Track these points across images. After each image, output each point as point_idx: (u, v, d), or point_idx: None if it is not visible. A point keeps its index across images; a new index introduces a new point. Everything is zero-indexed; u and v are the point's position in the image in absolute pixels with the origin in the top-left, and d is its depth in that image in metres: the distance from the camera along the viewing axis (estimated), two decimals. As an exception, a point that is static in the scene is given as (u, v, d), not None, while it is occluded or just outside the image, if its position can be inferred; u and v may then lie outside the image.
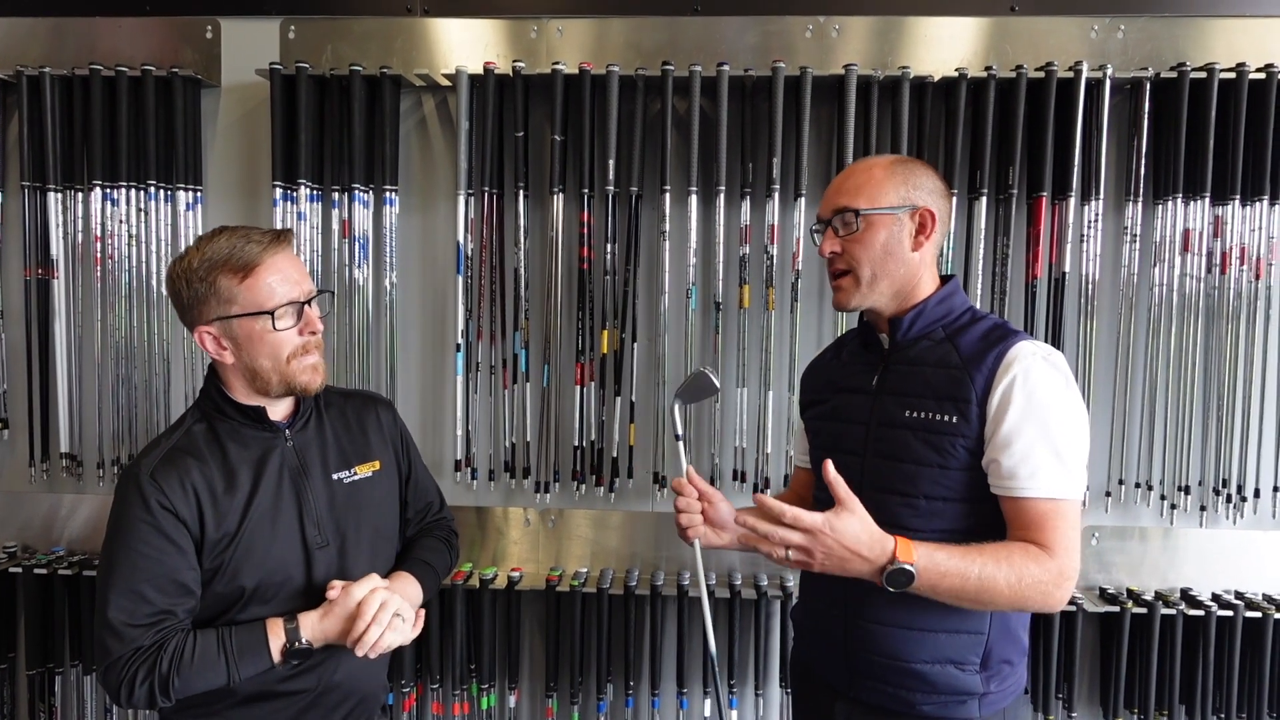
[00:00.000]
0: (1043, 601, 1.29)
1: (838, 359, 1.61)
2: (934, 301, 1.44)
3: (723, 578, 2.29)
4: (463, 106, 2.18)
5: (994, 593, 1.27)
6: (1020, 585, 1.27)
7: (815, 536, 1.25)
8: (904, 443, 1.40)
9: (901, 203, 1.41)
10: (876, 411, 1.45)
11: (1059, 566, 1.29)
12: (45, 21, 2.31)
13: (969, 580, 1.27)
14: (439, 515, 1.71)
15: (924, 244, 1.43)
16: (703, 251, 2.24)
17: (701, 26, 2.22)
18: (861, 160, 1.49)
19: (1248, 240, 2.13)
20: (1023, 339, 1.38)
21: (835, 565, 1.27)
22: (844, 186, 1.45)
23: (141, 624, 1.31)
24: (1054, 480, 1.31)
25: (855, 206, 1.42)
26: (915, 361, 1.43)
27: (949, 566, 1.26)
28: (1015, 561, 1.28)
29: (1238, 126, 2.09)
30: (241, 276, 1.36)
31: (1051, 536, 1.30)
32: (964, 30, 2.18)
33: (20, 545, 2.38)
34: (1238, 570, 2.23)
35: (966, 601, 1.29)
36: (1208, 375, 2.18)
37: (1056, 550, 1.30)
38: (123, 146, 2.23)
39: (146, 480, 1.34)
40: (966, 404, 1.35)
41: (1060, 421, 1.32)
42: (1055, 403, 1.32)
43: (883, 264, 1.42)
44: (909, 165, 1.45)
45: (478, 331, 2.26)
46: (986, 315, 1.47)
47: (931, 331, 1.44)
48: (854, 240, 1.42)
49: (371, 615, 1.36)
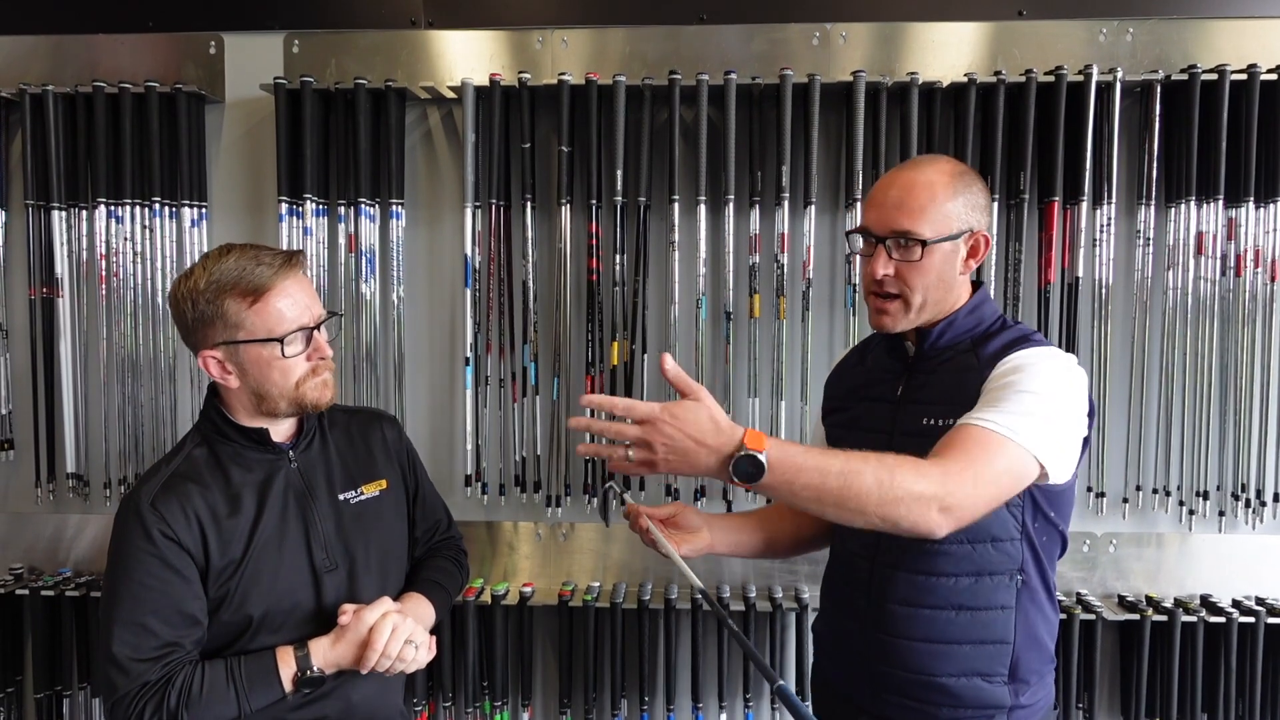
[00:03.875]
0: (917, 517, 1.13)
1: (862, 365, 1.56)
2: (964, 312, 1.40)
3: (737, 590, 2.27)
4: (469, 118, 2.17)
5: (859, 492, 1.11)
6: (892, 487, 1.11)
7: (654, 425, 1.10)
8: (921, 451, 1.29)
9: (961, 228, 1.35)
10: (899, 421, 1.41)
11: (943, 478, 1.14)
12: (48, 39, 2.30)
13: (829, 476, 1.11)
14: (447, 534, 1.68)
15: (974, 265, 1.39)
16: (712, 261, 2.22)
17: (707, 35, 2.21)
18: (917, 168, 1.37)
19: (1262, 243, 2.11)
20: (1041, 344, 1.34)
21: (679, 460, 1.11)
22: (906, 204, 1.34)
23: (147, 658, 1.28)
24: (998, 417, 1.21)
25: (920, 235, 1.32)
26: (939, 371, 1.39)
27: (806, 461, 1.12)
28: (888, 462, 1.14)
29: (1250, 128, 2.07)
30: (251, 300, 1.32)
31: (956, 454, 1.18)
32: (971, 35, 2.17)
33: (27, 567, 2.36)
34: (1257, 576, 2.21)
35: (828, 504, 1.13)
36: (1224, 379, 2.15)
37: (949, 467, 1.16)
38: (127, 163, 2.22)
39: (147, 509, 1.31)
40: (974, 403, 1.30)
41: (1034, 388, 1.24)
42: (1036, 378, 1.25)
43: (935, 291, 1.36)
44: (967, 180, 1.37)
45: (486, 345, 2.25)
46: (1016, 325, 1.42)
47: (959, 342, 1.40)
48: (910, 268, 1.34)
49: (384, 642, 1.32)
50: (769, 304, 2.21)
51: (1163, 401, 2.17)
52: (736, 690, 2.27)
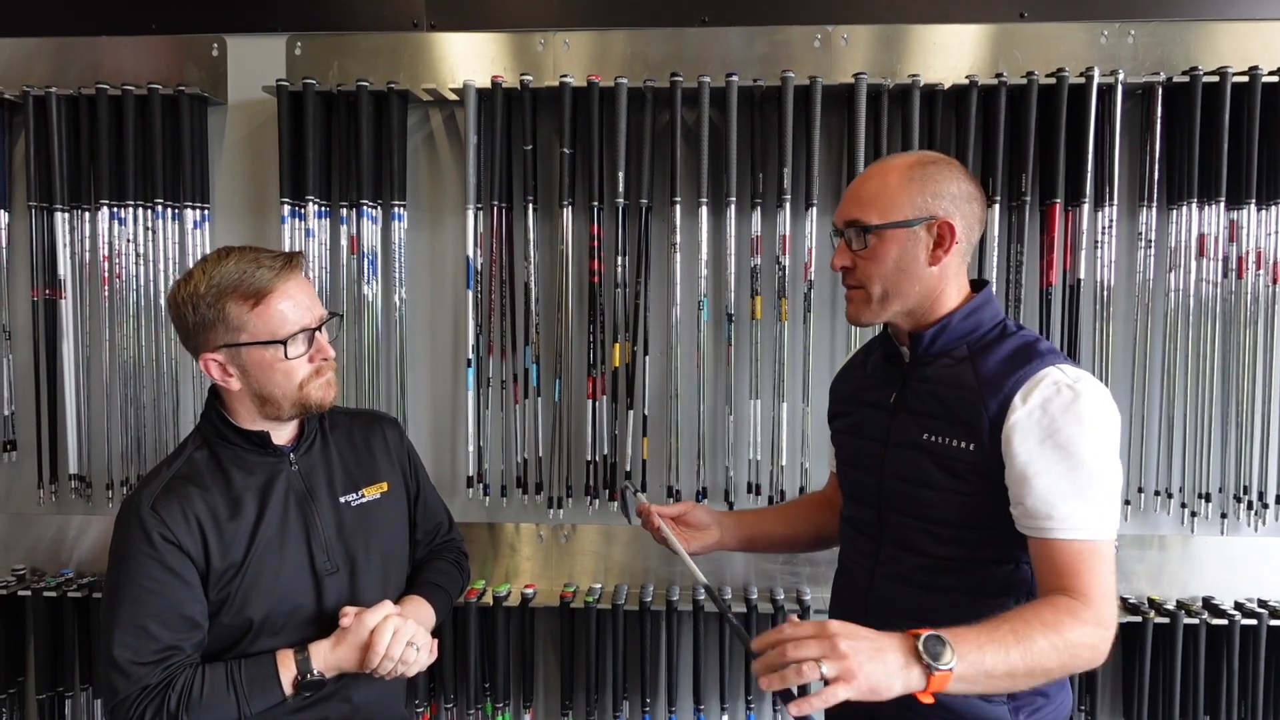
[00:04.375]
0: (1090, 658, 1.15)
1: (864, 369, 1.52)
2: (960, 316, 1.33)
3: (739, 591, 2.27)
4: (470, 120, 2.17)
5: (1045, 668, 1.11)
6: (1066, 647, 1.12)
7: (825, 629, 1.05)
8: (918, 466, 1.31)
9: (917, 214, 1.29)
10: (893, 430, 1.37)
11: (1098, 616, 1.16)
12: (50, 41, 2.30)
13: (1013, 662, 1.09)
14: (448, 537, 1.68)
15: (943, 257, 1.31)
16: (714, 263, 2.22)
17: (709, 37, 2.21)
18: (880, 161, 1.37)
19: (1264, 244, 2.11)
20: (1050, 363, 1.26)
21: (871, 656, 1.04)
22: (859, 193, 1.33)
23: (148, 661, 1.28)
24: (1082, 520, 1.19)
25: (866, 221, 1.30)
26: (933, 380, 1.34)
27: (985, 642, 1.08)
28: (1048, 620, 1.13)
29: (1251, 130, 2.07)
30: (253, 303, 1.31)
31: (1085, 581, 1.17)
32: (973, 37, 2.17)
33: (29, 568, 2.36)
34: (1260, 578, 2.21)
35: (1021, 682, 1.11)
36: (1226, 381, 2.15)
37: (1092, 597, 1.16)
38: (129, 165, 2.22)
39: (147, 512, 1.30)
40: (980, 431, 1.25)
41: (1085, 455, 1.19)
42: (1079, 435, 1.20)
43: (895, 282, 1.31)
44: (929, 169, 1.31)
45: (488, 346, 2.25)
46: (1019, 331, 1.34)
47: (955, 348, 1.33)
48: (864, 256, 1.32)
49: (385, 645, 1.32)
50: (771, 306, 2.21)
51: (1164, 403, 2.17)
52: (738, 692, 2.27)
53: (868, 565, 1.41)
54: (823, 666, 1.02)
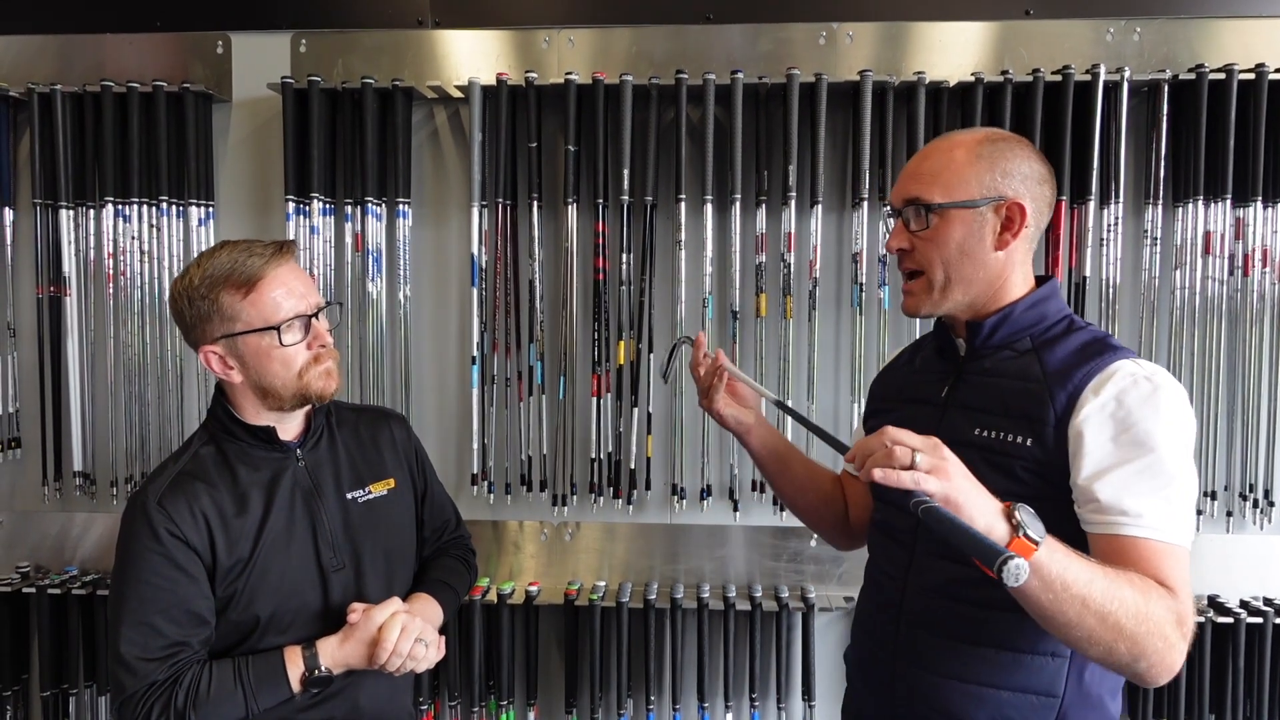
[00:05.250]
0: (1162, 650, 1.03)
1: (911, 365, 1.42)
2: (1024, 306, 1.23)
3: (743, 590, 2.27)
4: (475, 118, 2.17)
5: (1119, 616, 1.00)
6: (1148, 617, 1.01)
7: (937, 446, 0.99)
8: (969, 464, 1.13)
9: (985, 194, 1.19)
10: (944, 427, 1.24)
11: (1180, 613, 1.04)
12: (56, 39, 2.30)
13: (1094, 575, 1.00)
14: (456, 534, 1.68)
15: (1010, 242, 1.21)
16: (718, 260, 2.22)
17: (713, 35, 2.21)
18: (945, 136, 1.27)
19: (1270, 242, 2.10)
20: (1124, 357, 1.16)
21: (965, 486, 0.98)
22: (919, 170, 1.23)
23: (155, 657, 1.28)
24: (1159, 520, 1.07)
25: (928, 199, 1.20)
26: (992, 373, 1.23)
27: (1072, 558, 1.00)
28: (1138, 585, 1.02)
29: (1258, 127, 2.06)
30: (245, 291, 1.32)
31: (1165, 576, 1.05)
32: (978, 35, 2.17)
33: (33, 565, 2.36)
34: (1265, 576, 2.20)
35: (1088, 623, 1.00)
36: (1231, 378, 2.15)
37: (1178, 595, 1.05)
38: (134, 162, 2.22)
39: (154, 508, 1.30)
40: (1043, 425, 1.15)
41: (1162, 451, 1.09)
42: (1156, 429, 1.09)
43: (958, 266, 1.21)
44: (1000, 146, 1.22)
45: (493, 344, 2.25)
46: (1087, 326, 1.24)
47: (1017, 341, 1.23)
48: (925, 238, 1.22)
49: (393, 642, 1.32)
50: (775, 303, 2.21)
51: (1170, 401, 2.16)
52: (743, 689, 2.26)
53: (899, 576, 1.30)
54: (917, 456, 0.98)
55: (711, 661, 2.25)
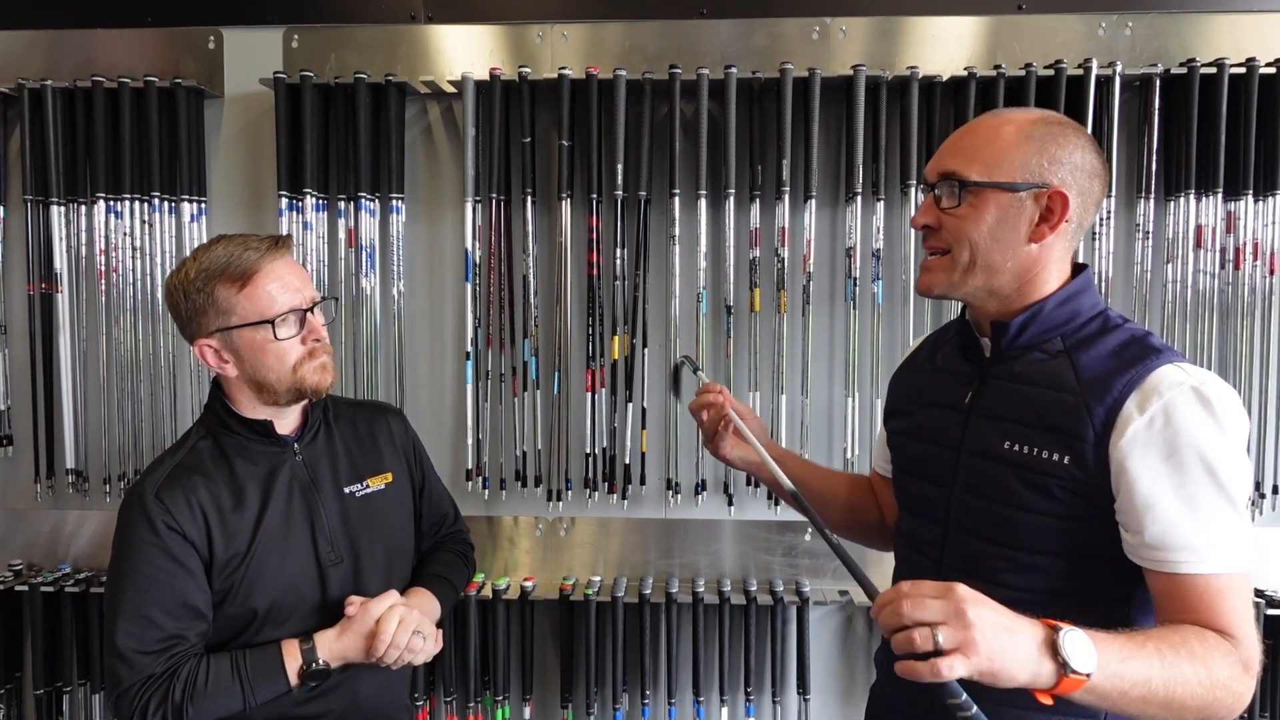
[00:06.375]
0: (1232, 705, 0.99)
1: (932, 363, 1.33)
2: (1054, 303, 1.14)
3: (737, 584, 2.27)
4: (469, 113, 2.16)
5: (1185, 698, 0.96)
6: (1212, 685, 0.96)
7: (954, 593, 0.89)
8: (999, 480, 1.12)
9: (1027, 179, 1.10)
10: (970, 437, 1.18)
11: (1245, 658, 1.00)
12: (45, 34, 2.29)
13: (1153, 685, 0.94)
14: (454, 528, 1.68)
15: (1047, 235, 1.12)
16: (713, 255, 2.22)
17: (707, 29, 2.21)
18: (996, 111, 1.19)
19: (1261, 235, 2.11)
20: (1167, 361, 1.07)
21: (998, 637, 0.88)
22: (961, 144, 1.15)
23: (152, 650, 1.28)
24: (1218, 552, 1.01)
25: (965, 175, 1.12)
26: (1021, 378, 1.15)
27: (1125, 656, 0.94)
28: (1198, 652, 0.97)
29: (1249, 121, 2.07)
30: (240, 285, 1.32)
31: (1228, 620, 1.01)
32: (971, 29, 2.17)
33: (26, 563, 2.35)
34: (1259, 568, 2.21)
35: (1152, 712, 0.96)
36: (1223, 372, 2.15)
37: (1240, 637, 1.00)
38: (126, 158, 2.21)
39: (151, 500, 1.31)
40: (1081, 442, 1.07)
41: (1219, 473, 1.02)
42: (1209, 449, 1.02)
43: (986, 251, 1.12)
44: (1054, 130, 1.12)
45: (487, 339, 2.24)
46: (1124, 324, 1.15)
47: (1047, 341, 1.15)
48: (955, 215, 1.13)
49: (391, 633, 1.33)
50: (769, 298, 2.21)
51: (1162, 394, 2.17)
52: (738, 684, 2.27)
53: (933, 570, 1.23)
54: (939, 635, 0.87)
55: (707, 656, 2.25)
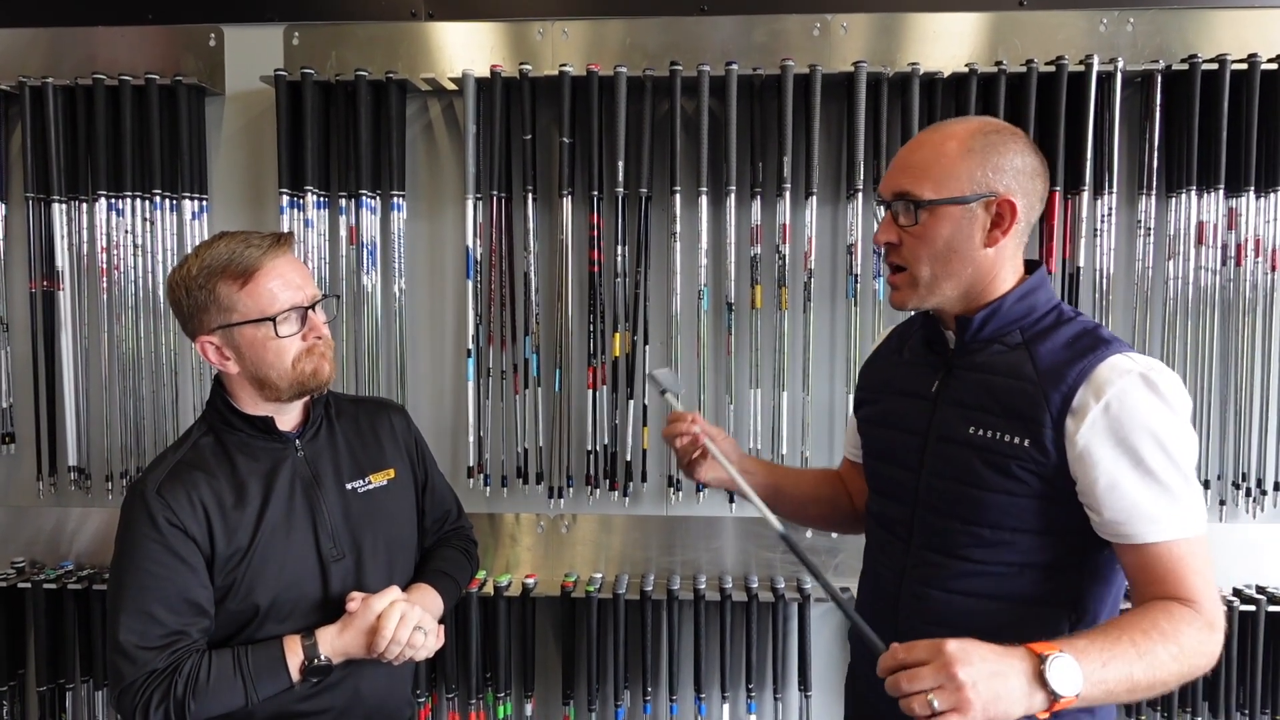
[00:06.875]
0: (1205, 665, 1.08)
1: (899, 355, 1.40)
2: (1013, 299, 1.22)
3: (739, 581, 2.27)
4: (470, 110, 2.16)
5: (1165, 680, 1.05)
6: (1184, 655, 1.05)
7: (943, 653, 0.97)
8: (965, 463, 1.20)
9: (975, 190, 1.17)
10: (935, 423, 1.26)
11: (1209, 618, 1.09)
12: (46, 31, 2.29)
13: (1136, 680, 1.03)
14: (457, 524, 1.68)
15: (1000, 239, 1.19)
16: (714, 252, 2.22)
17: (708, 26, 2.20)
18: (938, 126, 1.24)
19: (1263, 232, 2.11)
20: (1116, 351, 1.15)
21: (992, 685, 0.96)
22: (910, 161, 1.21)
23: (154, 646, 1.28)
24: (1175, 520, 1.10)
25: (918, 194, 1.18)
26: (983, 369, 1.22)
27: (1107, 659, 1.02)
28: (1167, 631, 1.05)
29: (1250, 117, 2.07)
30: (242, 282, 1.32)
31: (1190, 585, 1.09)
32: (972, 25, 2.17)
33: (28, 560, 2.35)
34: (1258, 564, 2.22)
35: (1139, 696, 1.05)
36: (1224, 368, 2.16)
37: (1201, 600, 1.09)
38: (127, 156, 2.21)
39: (153, 496, 1.31)
40: (1040, 427, 1.14)
41: (1170, 449, 1.10)
42: (1161, 428, 1.10)
43: (945, 263, 1.20)
44: (993, 139, 1.19)
45: (488, 336, 2.24)
46: (1076, 317, 1.23)
47: (1007, 334, 1.22)
48: (913, 234, 1.20)
49: (392, 629, 1.32)
50: (771, 295, 2.21)
51: (1163, 391, 2.17)
52: (739, 681, 2.27)
53: (896, 568, 1.31)
54: (934, 702, 0.95)
55: (708, 653, 2.25)
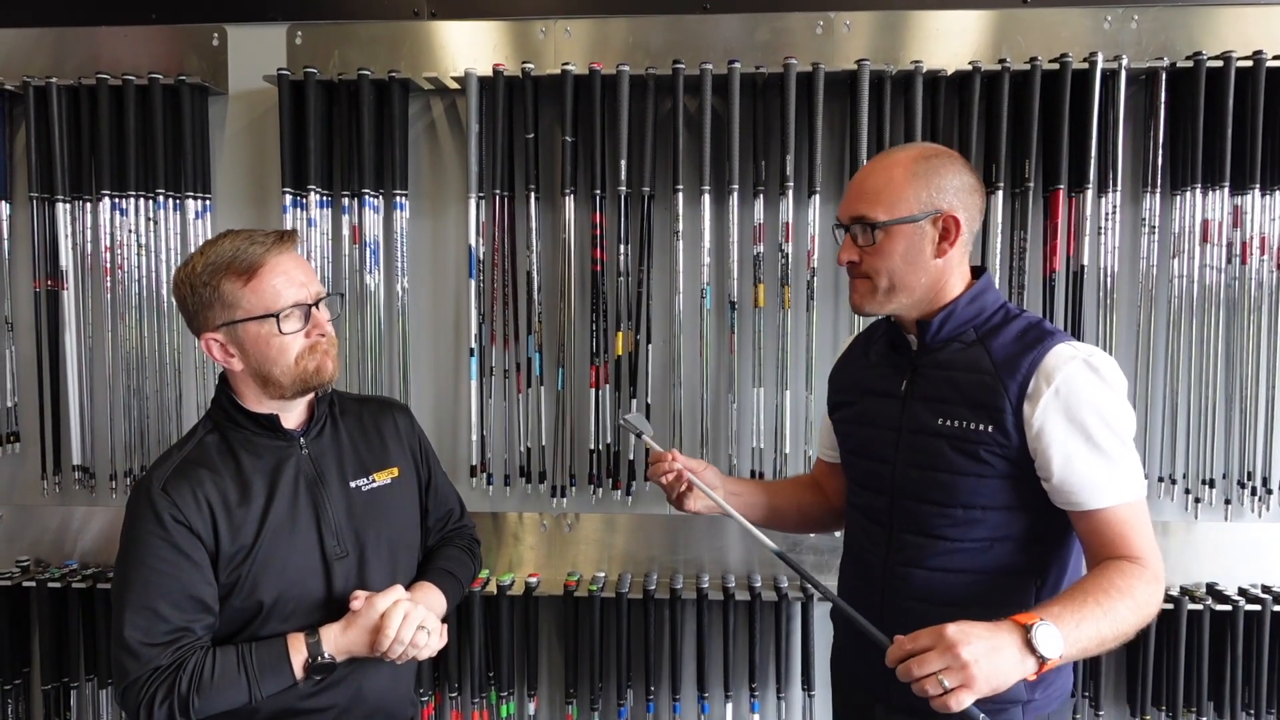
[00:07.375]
0: (1154, 612, 1.24)
1: (866, 359, 1.53)
2: (964, 301, 1.37)
3: (742, 580, 2.27)
4: (472, 109, 2.16)
5: (1129, 631, 1.20)
6: (1139, 606, 1.21)
7: (943, 637, 1.10)
8: (937, 451, 1.34)
9: (923, 209, 1.33)
10: (906, 418, 1.39)
11: (1154, 572, 1.25)
12: (50, 31, 2.30)
13: (1104, 636, 1.18)
14: (460, 523, 1.68)
15: (948, 250, 1.35)
16: (716, 251, 2.22)
17: (710, 24, 2.20)
18: (884, 155, 1.39)
19: (1268, 230, 2.10)
20: (1060, 340, 1.31)
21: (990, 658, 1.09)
22: (863, 188, 1.36)
23: (158, 643, 1.28)
24: (1119, 486, 1.27)
25: (873, 217, 1.33)
26: (945, 366, 1.37)
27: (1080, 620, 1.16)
28: (1122, 587, 1.21)
29: (1255, 115, 2.06)
30: (245, 279, 1.33)
31: (1135, 543, 1.26)
32: (975, 23, 2.16)
33: (33, 559, 2.36)
34: (1263, 564, 2.21)
35: (1108, 648, 1.20)
36: (1230, 367, 2.15)
37: (1145, 557, 1.25)
38: (130, 156, 2.22)
39: (158, 493, 1.31)
40: (1001, 413, 1.29)
41: (1112, 423, 1.27)
42: (1102, 406, 1.27)
43: (902, 275, 1.35)
44: (933, 162, 1.35)
45: (491, 335, 2.25)
46: (1021, 314, 1.39)
47: (962, 333, 1.37)
48: (870, 252, 1.35)
49: (395, 628, 1.32)
50: (773, 293, 2.21)
51: (1168, 389, 2.17)
52: (742, 680, 2.27)
53: (880, 551, 1.43)
54: (944, 681, 1.08)
55: (711, 652, 2.25)
